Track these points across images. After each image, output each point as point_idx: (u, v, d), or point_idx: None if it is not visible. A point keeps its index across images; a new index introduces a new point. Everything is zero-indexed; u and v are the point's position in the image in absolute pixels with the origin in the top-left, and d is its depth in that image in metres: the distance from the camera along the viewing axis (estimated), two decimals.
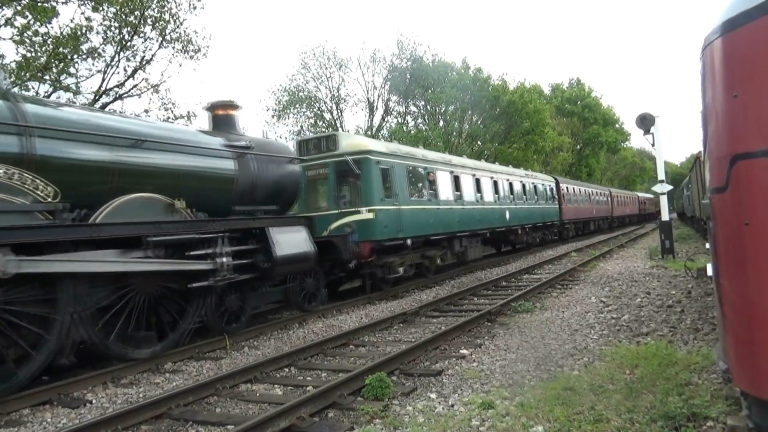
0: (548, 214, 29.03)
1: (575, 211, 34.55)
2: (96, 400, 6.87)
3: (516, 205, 23.97)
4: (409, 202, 15.04)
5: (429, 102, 35.45)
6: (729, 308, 3.35)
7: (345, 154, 13.80)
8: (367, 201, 13.64)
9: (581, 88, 65.37)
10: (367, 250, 13.22)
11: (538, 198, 27.77)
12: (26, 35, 14.52)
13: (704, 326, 8.10)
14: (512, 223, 23.10)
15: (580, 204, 36.00)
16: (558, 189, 31.47)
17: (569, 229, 33.51)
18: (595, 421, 4.79)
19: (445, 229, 16.75)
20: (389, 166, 14.44)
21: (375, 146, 14.55)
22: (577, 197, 35.74)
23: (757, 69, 3.03)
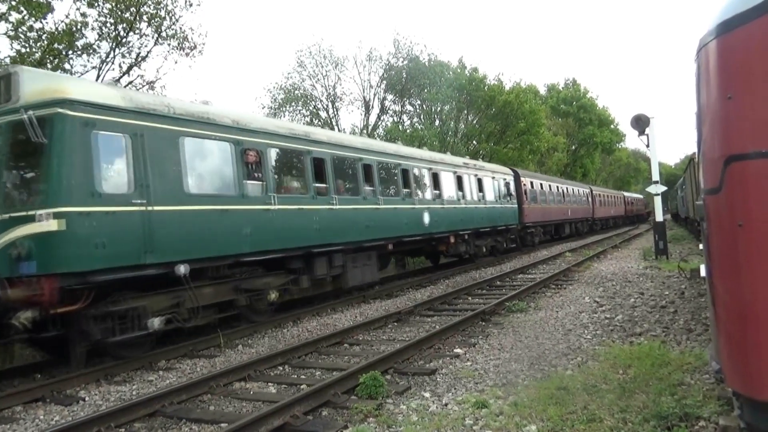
0: (502, 215, 23.02)
1: (542, 212, 29.28)
2: (89, 397, 6.85)
3: (444, 204, 17.86)
4: (181, 199, 8.78)
5: (425, 101, 35.43)
6: (722, 309, 3.36)
7: (25, 107, 7.44)
8: (55, 196, 7.33)
9: (577, 89, 65.47)
10: (51, 292, 7.19)
11: (485, 195, 21.67)
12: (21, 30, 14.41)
13: (697, 327, 8.14)
14: (437, 228, 17.08)
15: (549, 204, 30.68)
16: (518, 184, 25.88)
17: (534, 234, 28.07)
18: (588, 421, 4.81)
19: (286, 242, 10.83)
20: (128, 134, 8.19)
21: (84, 92, 7.96)
22: (546, 195, 30.35)
23: (751, 71, 3.05)
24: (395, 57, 33.34)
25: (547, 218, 30.03)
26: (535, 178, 29.51)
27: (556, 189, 33.02)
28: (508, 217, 23.74)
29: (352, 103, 36.65)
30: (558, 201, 32.69)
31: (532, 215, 27.06)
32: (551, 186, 31.99)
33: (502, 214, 23.19)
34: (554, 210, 31.72)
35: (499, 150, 38.37)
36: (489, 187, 22.40)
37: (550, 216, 30.81)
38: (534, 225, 27.85)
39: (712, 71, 3.30)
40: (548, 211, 30.45)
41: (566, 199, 34.62)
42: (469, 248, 20.11)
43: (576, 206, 37.25)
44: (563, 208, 33.63)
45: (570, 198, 35.81)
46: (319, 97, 33.52)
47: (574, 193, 37.41)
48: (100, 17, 16.17)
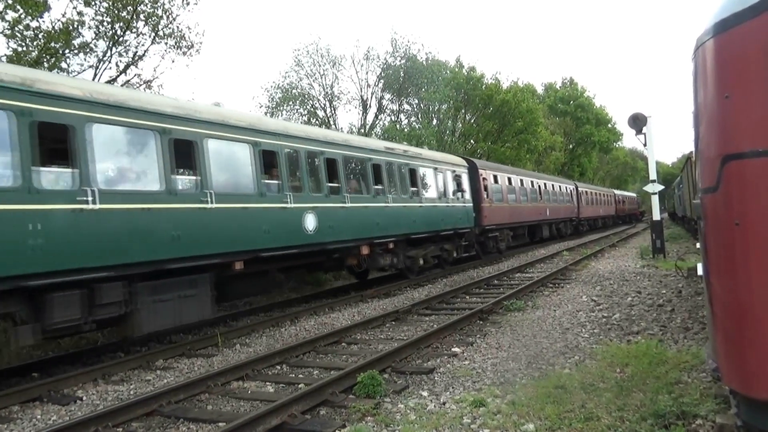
0: (449, 217, 18.01)
1: (510, 212, 24.24)
2: (86, 397, 6.84)
3: (347, 203, 12.83)
4: None
5: (422, 100, 35.41)
6: (719, 307, 3.37)
7: None
8: None
9: (574, 88, 65.55)
10: None
11: (424, 192, 16.82)
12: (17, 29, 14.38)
13: (694, 325, 8.16)
14: (336, 236, 12.29)
15: (520, 202, 25.94)
16: (475, 179, 20.98)
17: (499, 239, 23.10)
18: (585, 419, 4.82)
19: None
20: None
21: None
22: (515, 193, 25.41)
23: (748, 70, 3.05)
24: (393, 56, 33.31)
25: (517, 219, 25.08)
26: (500, 171, 24.60)
27: (530, 185, 28.28)
28: (458, 218, 18.53)
29: (350, 102, 36.63)
30: (533, 199, 28.16)
31: (495, 216, 22.13)
32: (523, 181, 27.12)
33: (449, 215, 17.97)
34: (527, 210, 26.93)
35: (496, 149, 38.41)
36: (431, 181, 17.53)
37: (522, 216, 25.89)
38: (499, 228, 22.79)
39: (710, 70, 3.30)
40: (519, 211, 25.46)
41: (544, 197, 30.05)
42: (397, 260, 15.24)
43: (557, 205, 32.70)
44: (539, 207, 29.04)
45: (549, 196, 31.27)
46: (316, 96, 33.49)
47: (554, 191, 32.66)
48: (97, 16, 16.14)
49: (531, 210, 27.79)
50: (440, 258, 18.06)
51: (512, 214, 24.57)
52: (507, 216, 23.83)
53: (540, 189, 29.78)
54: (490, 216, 21.70)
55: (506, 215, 23.76)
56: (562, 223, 34.52)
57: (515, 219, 24.95)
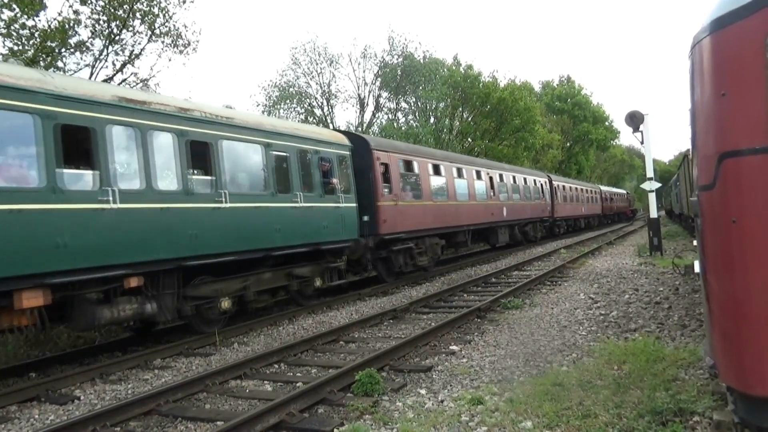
0: (302, 226, 11.73)
1: (434, 213, 17.19)
2: (84, 396, 6.83)
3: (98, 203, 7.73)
4: None
5: (420, 99, 35.42)
6: (716, 305, 3.38)
7: None
8: None
9: (571, 86, 65.62)
10: None
11: (224, 182, 9.89)
12: (13, 28, 14.33)
13: (691, 323, 8.18)
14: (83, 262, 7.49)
15: (453, 198, 18.73)
16: (369, 164, 14.36)
17: (412, 252, 15.81)
18: (583, 417, 4.83)
19: None
20: None
21: None
22: (444, 186, 18.22)
23: (745, 68, 3.06)
24: (390, 54, 33.35)
25: (449, 222, 18.08)
26: (417, 155, 16.87)
27: (474, 176, 20.79)
28: (321, 228, 12.16)
29: (347, 100, 36.64)
30: (479, 196, 21.15)
31: (405, 219, 15.27)
32: (461, 171, 19.72)
33: (300, 222, 11.56)
34: (467, 209, 19.62)
35: (494, 147, 38.44)
36: (254, 164, 10.82)
37: (459, 219, 18.84)
38: (414, 236, 15.78)
39: (706, 68, 3.31)
40: (451, 212, 18.28)
41: (498, 193, 23.07)
42: (151, 308, 8.68)
43: (521, 203, 26.15)
44: (490, 205, 22.00)
45: (507, 191, 24.42)
46: (313, 94, 33.51)
47: (515, 184, 25.68)
48: (93, 14, 16.10)
49: (474, 210, 20.36)
50: (289, 290, 11.72)
51: (438, 216, 17.35)
52: (429, 218, 16.75)
53: (490, 183, 22.40)
54: (395, 219, 14.74)
55: (427, 217, 16.64)
56: (529, 225, 27.77)
57: (446, 222, 17.91)
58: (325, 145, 12.84)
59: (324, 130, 14.66)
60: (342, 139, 14.02)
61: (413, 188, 16.40)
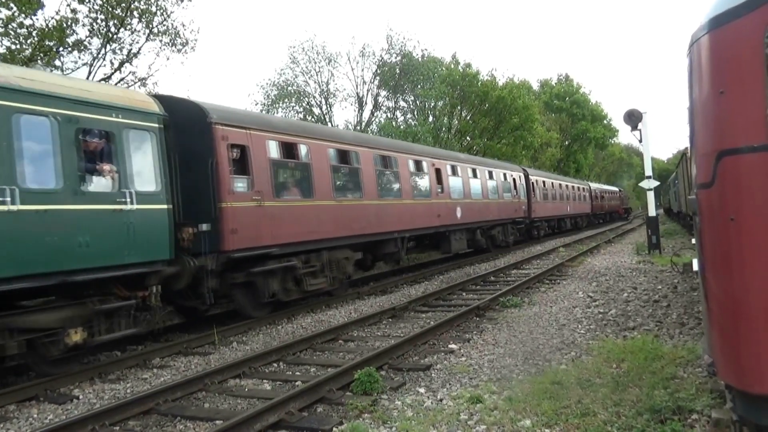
0: (53, 246, 6.92)
1: (339, 218, 12.65)
2: (83, 395, 6.82)
3: None
4: None
5: (418, 97, 35.41)
6: (714, 303, 3.38)
7: None
8: None
9: (570, 84, 65.59)
10: None
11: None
12: (11, 27, 14.32)
13: (690, 321, 8.19)
14: None
15: (368, 198, 13.86)
16: (211, 145, 9.67)
17: (314, 275, 11.76)
18: (582, 415, 4.83)
19: None
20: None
21: None
22: (351, 182, 13.75)
23: (743, 66, 3.06)
24: (388, 53, 33.30)
25: (368, 229, 13.63)
26: (299, 135, 12.05)
27: (410, 167, 16.15)
28: (100, 246, 7.57)
29: (346, 99, 36.63)
30: (419, 193, 16.60)
31: (276, 227, 10.70)
32: (382, 160, 14.84)
33: (48, 239, 6.92)
34: (398, 211, 15.06)
35: (492, 146, 38.44)
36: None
37: (385, 223, 14.35)
38: (300, 250, 11.37)
39: (705, 66, 3.31)
40: (369, 215, 13.71)
41: (448, 189, 18.42)
42: None
43: (484, 201, 21.55)
44: (436, 205, 17.36)
45: (462, 186, 19.67)
46: (312, 93, 33.48)
47: (474, 179, 20.85)
48: (91, 13, 16.08)
49: (413, 211, 15.89)
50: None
51: (349, 219, 12.83)
52: (328, 224, 12.13)
53: (440, 176, 18.03)
54: (259, 227, 10.25)
55: (325, 223, 12.00)
56: (498, 228, 22.97)
57: (363, 228, 13.34)
58: (95, 110, 7.78)
59: (96, 86, 8.85)
60: (140, 101, 8.75)
61: (299, 183, 11.79)
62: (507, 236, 24.25)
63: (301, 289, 11.36)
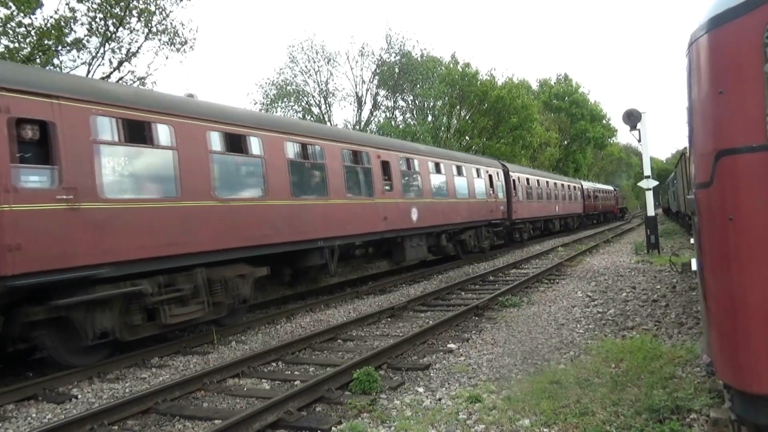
0: None
1: (216, 223, 9.34)
2: (81, 395, 6.82)
3: None
4: None
5: (417, 97, 35.42)
6: (713, 303, 3.38)
7: None
8: None
9: (569, 84, 65.63)
10: None
11: None
12: (9, 26, 14.31)
13: (688, 320, 8.20)
14: None
15: (272, 197, 10.66)
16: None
17: (184, 302, 8.89)
18: (581, 414, 4.83)
19: None
20: None
21: None
22: (239, 174, 10.46)
23: (742, 66, 3.06)
24: (387, 52, 33.33)
25: (273, 237, 10.61)
26: (135, 107, 8.42)
27: (341, 159, 13.10)
28: None
29: (345, 98, 36.62)
30: (357, 190, 13.70)
31: (104, 239, 7.65)
32: (301, 149, 11.93)
33: None
34: (321, 212, 12.10)
35: (491, 145, 38.47)
36: None
37: (302, 229, 11.38)
38: (149, 270, 8.34)
39: (703, 66, 3.31)
40: (273, 218, 10.65)
41: (399, 185, 15.38)
42: None
43: (450, 201, 18.58)
44: (382, 205, 14.35)
45: (420, 183, 16.77)
46: (311, 92, 33.50)
47: (438, 175, 18.03)
48: (90, 12, 16.07)
49: (347, 212, 12.95)
50: None
51: (237, 225, 9.81)
52: (195, 233, 9.04)
53: (388, 170, 14.99)
54: (64, 241, 7.22)
55: (187, 232, 8.93)
56: (469, 232, 20.19)
57: (263, 237, 10.35)
58: None
59: None
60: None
61: (154, 177, 8.80)
62: (481, 241, 21.45)
63: (159, 322, 8.52)
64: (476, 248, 21.08)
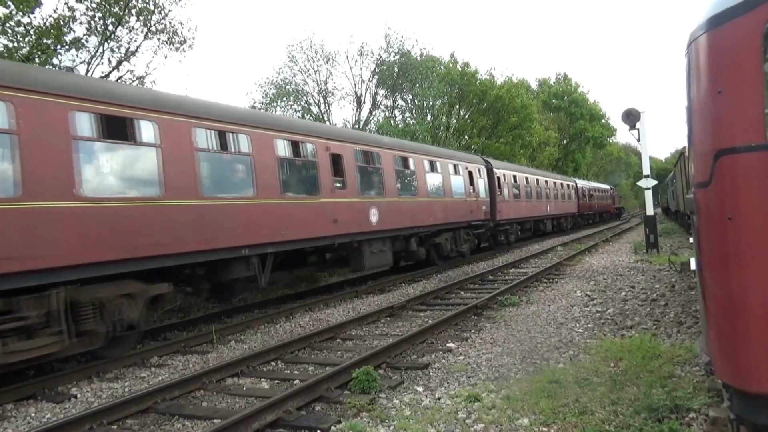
0: None
1: (77, 230, 7.26)
2: (81, 394, 6.82)
3: None
4: None
5: (416, 96, 35.40)
6: (712, 302, 3.39)
7: None
8: None
9: (568, 83, 65.60)
10: None
11: None
12: (8, 25, 14.30)
13: (687, 319, 8.21)
14: None
15: (172, 196, 8.64)
16: None
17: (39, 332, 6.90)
18: (580, 414, 4.84)
19: None
20: None
21: None
22: (121, 169, 8.22)
23: (741, 65, 3.06)
24: (386, 52, 33.29)
25: (177, 247, 8.64)
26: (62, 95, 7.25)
27: (280, 151, 11.14)
28: None
29: (344, 98, 36.63)
30: (300, 187, 11.87)
31: None
32: (218, 138, 9.71)
33: None
34: (245, 212, 9.98)
35: (490, 144, 38.47)
36: None
37: (212, 236, 9.22)
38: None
39: (702, 65, 3.31)
40: (180, 221, 8.72)
41: (357, 183, 13.55)
42: None
43: (421, 201, 16.45)
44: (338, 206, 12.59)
45: (382, 178, 14.69)
46: (310, 92, 33.46)
47: (405, 170, 16.11)
48: (88, 11, 16.05)
49: (282, 213, 10.91)
50: None
51: (120, 231, 7.85)
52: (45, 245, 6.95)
53: (340, 164, 13.02)
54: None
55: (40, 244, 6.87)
56: (445, 234, 18.28)
57: (155, 247, 8.35)
58: None
59: None
60: None
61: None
62: (460, 244, 19.46)
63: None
64: (454, 253, 19.18)
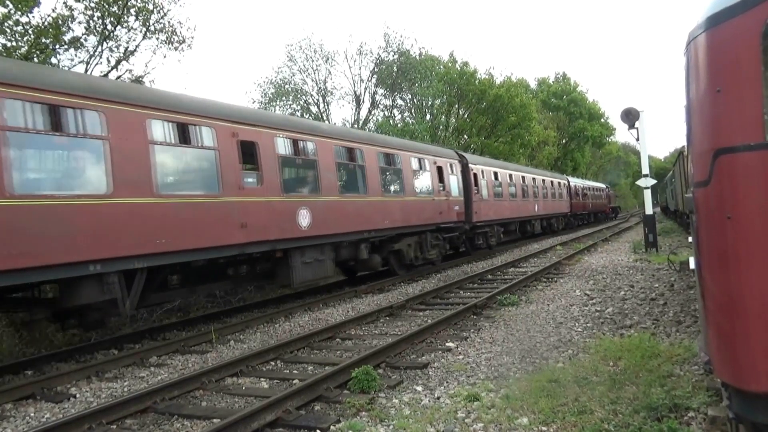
0: None
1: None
2: (80, 394, 6.81)
3: None
4: None
5: (416, 95, 35.38)
6: (711, 301, 3.39)
7: None
8: None
9: (567, 83, 65.59)
10: None
11: None
12: (6, 25, 14.28)
13: (686, 319, 8.21)
14: None
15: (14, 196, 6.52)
16: None
17: None
18: (579, 413, 4.84)
19: None
20: None
21: None
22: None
23: (740, 64, 3.06)
24: (386, 51, 33.28)
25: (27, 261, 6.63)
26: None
27: (159, 134, 8.58)
28: None
29: (343, 97, 36.64)
30: (192, 183, 9.37)
31: None
32: (86, 117, 7.51)
33: None
34: (97, 222, 7.43)
35: (490, 144, 38.47)
36: None
37: (39, 251, 6.77)
38: None
39: (701, 64, 3.31)
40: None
41: (280, 180, 10.91)
42: None
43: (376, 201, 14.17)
44: (250, 206, 10.07)
45: (317, 173, 12.18)
46: (309, 91, 33.44)
47: (351, 162, 13.63)
48: (87, 11, 16.03)
49: (117, 218, 7.74)
50: None
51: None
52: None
53: (256, 155, 10.62)
54: None
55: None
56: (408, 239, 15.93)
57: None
58: None
59: None
60: None
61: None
62: (427, 250, 16.98)
63: None
64: (420, 260, 16.65)
